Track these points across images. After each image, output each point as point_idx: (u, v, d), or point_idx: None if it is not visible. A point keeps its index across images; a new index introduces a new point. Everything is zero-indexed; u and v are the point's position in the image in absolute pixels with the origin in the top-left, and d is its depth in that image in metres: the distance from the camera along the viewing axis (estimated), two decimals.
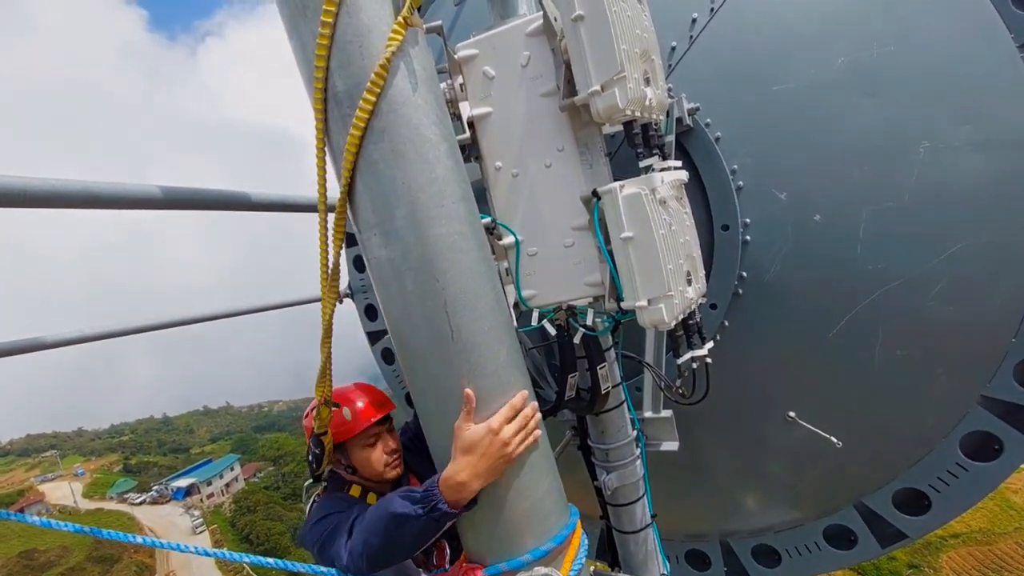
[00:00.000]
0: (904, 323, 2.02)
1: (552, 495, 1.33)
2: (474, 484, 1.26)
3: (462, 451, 1.26)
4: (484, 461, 1.25)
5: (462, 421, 1.25)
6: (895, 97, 1.94)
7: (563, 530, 1.31)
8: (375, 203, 1.15)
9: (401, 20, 1.13)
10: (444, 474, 1.29)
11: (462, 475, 1.25)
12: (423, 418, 1.31)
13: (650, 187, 1.35)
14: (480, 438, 1.25)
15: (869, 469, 2.35)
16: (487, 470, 1.26)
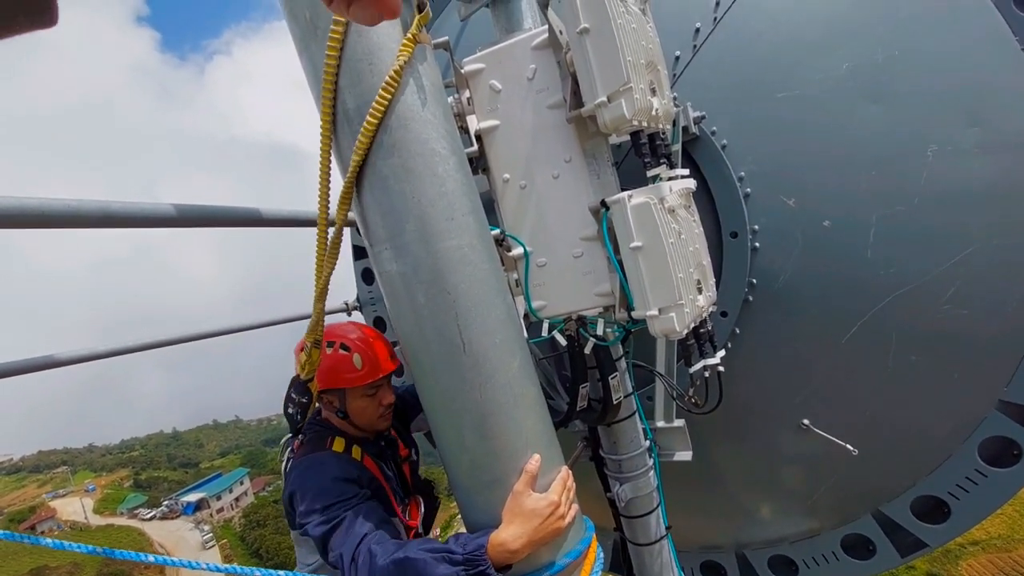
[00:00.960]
0: (918, 328, 2.00)
1: None
2: (525, 552, 1.24)
3: (522, 517, 1.24)
4: (541, 532, 1.24)
5: (523, 487, 1.24)
6: (901, 101, 1.94)
7: (579, 544, 1.30)
8: (385, 218, 1.16)
9: (410, 37, 1.14)
10: (496, 539, 1.24)
11: (518, 543, 1.23)
12: (435, 430, 1.30)
13: (658, 196, 1.36)
14: (543, 508, 1.24)
15: (886, 477, 2.31)
16: (541, 540, 1.25)
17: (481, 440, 1.21)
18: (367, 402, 1.84)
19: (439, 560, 1.27)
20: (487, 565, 1.23)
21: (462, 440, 1.23)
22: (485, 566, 1.23)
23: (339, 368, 1.80)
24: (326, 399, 1.85)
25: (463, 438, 1.23)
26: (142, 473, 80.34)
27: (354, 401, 1.83)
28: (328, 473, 1.64)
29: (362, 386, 1.81)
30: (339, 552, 1.45)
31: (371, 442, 1.93)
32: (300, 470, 1.70)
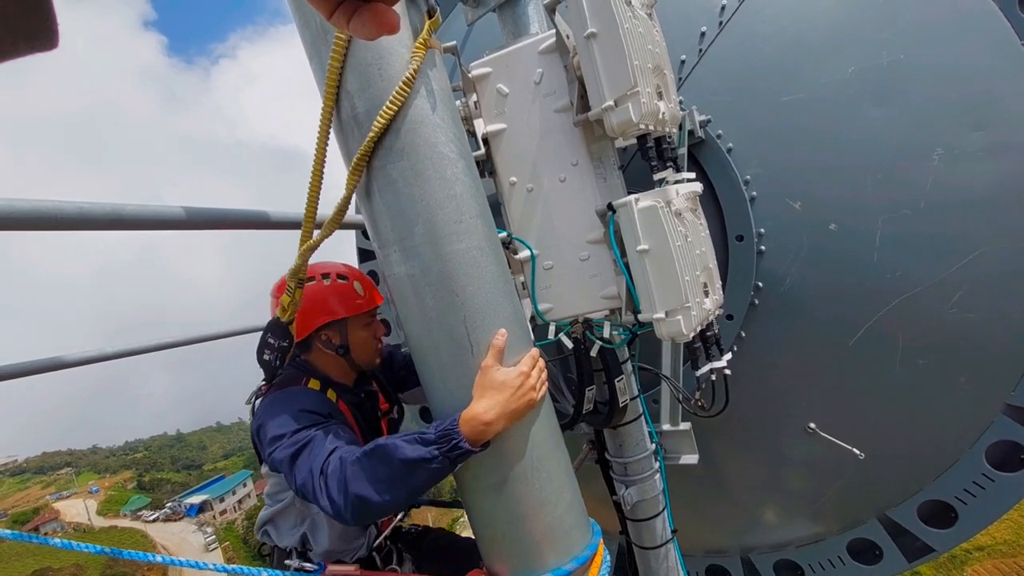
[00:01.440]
0: (925, 331, 1.99)
1: (574, 510, 1.32)
2: (499, 424, 1.22)
3: (492, 389, 1.22)
4: (514, 402, 1.22)
5: (491, 360, 1.22)
6: (907, 105, 1.94)
7: (585, 550, 1.29)
8: (394, 220, 1.17)
9: (421, 42, 1.15)
10: (466, 414, 1.22)
11: (490, 414, 1.20)
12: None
13: (665, 199, 1.36)
14: (514, 378, 1.23)
15: (893, 481, 2.31)
16: (515, 411, 1.23)
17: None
18: (368, 333, 1.79)
19: (411, 442, 1.26)
20: (460, 438, 1.20)
21: None
22: (458, 439, 1.20)
23: (344, 296, 1.74)
24: (324, 336, 1.76)
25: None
26: (146, 475, 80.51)
27: (356, 332, 1.77)
28: (299, 404, 1.57)
29: (364, 314, 1.76)
30: (307, 470, 1.39)
31: (350, 391, 1.85)
32: (270, 401, 1.63)
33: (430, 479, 1.25)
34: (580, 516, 1.34)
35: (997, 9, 1.91)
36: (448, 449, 1.21)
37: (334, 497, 1.30)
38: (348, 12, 0.42)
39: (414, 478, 1.25)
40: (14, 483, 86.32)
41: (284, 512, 1.77)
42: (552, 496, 1.25)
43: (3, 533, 1.63)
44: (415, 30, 1.19)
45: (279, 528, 1.79)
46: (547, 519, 1.25)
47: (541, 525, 1.25)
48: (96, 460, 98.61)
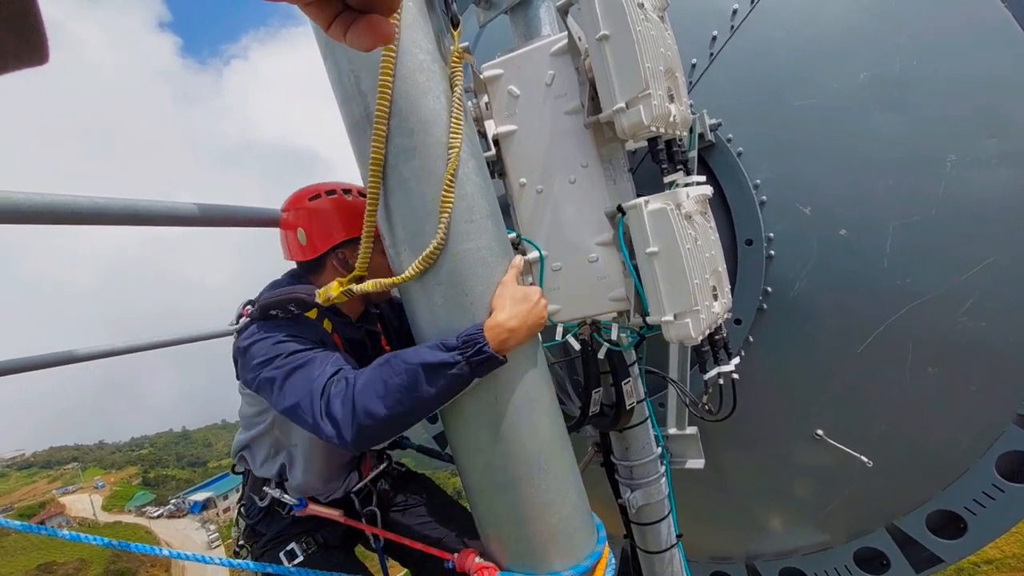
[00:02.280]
0: (935, 339, 1.98)
1: (579, 513, 1.32)
2: (521, 335, 1.20)
3: (514, 300, 1.21)
4: (532, 316, 1.23)
5: (511, 278, 1.24)
6: (919, 111, 1.93)
7: (589, 558, 1.28)
8: (405, 219, 1.17)
9: (457, 56, 1.17)
10: (490, 322, 1.19)
11: (513, 322, 1.19)
12: (449, 432, 1.30)
13: (676, 202, 1.36)
14: (532, 293, 1.25)
15: (902, 490, 2.28)
16: (533, 325, 1.23)
17: (495, 442, 1.21)
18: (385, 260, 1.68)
19: (432, 348, 1.21)
20: (484, 342, 1.17)
21: (477, 441, 1.24)
22: (483, 343, 1.17)
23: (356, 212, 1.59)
24: (341, 254, 1.63)
25: (478, 439, 1.23)
26: (151, 471, 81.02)
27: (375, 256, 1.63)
28: (292, 328, 1.47)
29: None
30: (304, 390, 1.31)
31: (352, 325, 1.73)
32: (260, 324, 1.51)
33: (448, 387, 1.19)
34: (585, 519, 1.34)
35: (1011, 18, 1.89)
36: (472, 354, 1.17)
37: (336, 414, 1.24)
38: (345, 24, 0.43)
39: (432, 385, 1.19)
40: (21, 477, 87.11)
41: (260, 439, 1.72)
42: (560, 498, 1.25)
43: (16, 524, 1.65)
44: (438, 33, 1.20)
45: (255, 456, 1.75)
46: (554, 521, 1.25)
47: (548, 526, 1.25)
48: (102, 455, 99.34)
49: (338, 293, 1.28)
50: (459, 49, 1.16)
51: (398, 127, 1.12)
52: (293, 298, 1.46)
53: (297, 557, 1.71)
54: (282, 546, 1.74)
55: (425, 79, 1.13)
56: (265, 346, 1.44)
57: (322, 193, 1.63)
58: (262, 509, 1.75)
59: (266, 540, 1.76)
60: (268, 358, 1.41)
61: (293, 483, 1.69)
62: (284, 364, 1.38)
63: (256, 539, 1.79)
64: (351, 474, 1.82)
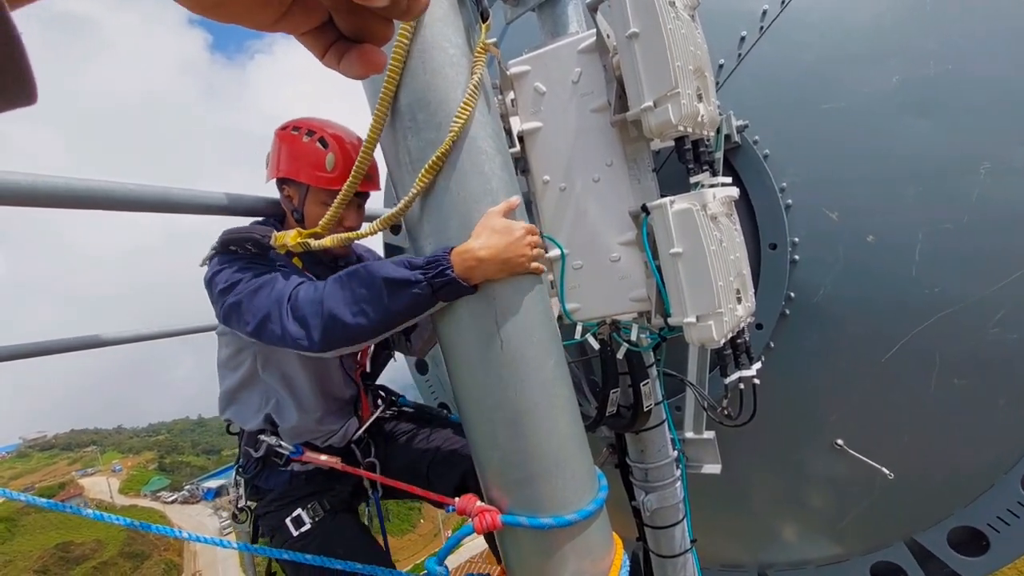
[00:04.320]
0: (964, 350, 1.93)
1: (597, 511, 1.31)
2: (490, 267, 1.17)
3: (492, 231, 1.16)
4: (509, 251, 1.17)
5: (500, 209, 1.19)
6: (953, 117, 1.88)
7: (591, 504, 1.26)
8: (429, 213, 1.18)
9: (482, 48, 1.18)
10: (460, 247, 1.17)
11: (483, 252, 1.14)
12: (467, 426, 1.31)
13: (701, 203, 1.35)
14: (516, 228, 1.19)
15: (923, 504, 2.23)
16: (506, 262, 1.18)
17: (513, 438, 1.21)
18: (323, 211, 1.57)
19: (397, 264, 1.21)
20: (448, 265, 1.15)
21: (495, 437, 1.24)
22: (446, 265, 1.15)
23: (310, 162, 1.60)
24: (285, 191, 1.67)
25: (496, 435, 1.23)
26: (167, 457, 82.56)
27: (313, 205, 1.64)
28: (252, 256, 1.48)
29: (324, 189, 1.62)
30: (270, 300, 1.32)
31: (324, 264, 1.71)
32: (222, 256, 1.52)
33: (410, 305, 1.20)
34: (602, 518, 1.33)
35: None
36: (434, 275, 1.16)
37: (304, 316, 1.25)
38: (338, 53, 0.44)
39: (394, 300, 1.20)
40: (42, 458, 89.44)
41: (245, 391, 1.69)
42: (575, 496, 1.25)
43: (43, 502, 1.69)
44: (468, 29, 1.20)
45: (244, 411, 1.71)
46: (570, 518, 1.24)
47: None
48: (120, 440, 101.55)
49: (295, 243, 1.28)
50: (485, 42, 1.16)
51: (427, 121, 1.12)
52: (249, 238, 1.46)
53: (304, 524, 1.68)
54: (288, 510, 1.70)
55: (455, 74, 1.14)
56: (227, 273, 1.45)
57: (290, 127, 1.66)
58: (258, 460, 1.72)
59: (270, 500, 1.73)
60: (231, 283, 1.42)
61: (286, 426, 1.66)
62: (247, 286, 1.39)
63: (259, 496, 1.76)
64: (350, 420, 1.78)
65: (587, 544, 1.26)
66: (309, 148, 1.61)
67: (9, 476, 76.62)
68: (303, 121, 1.67)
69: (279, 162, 1.64)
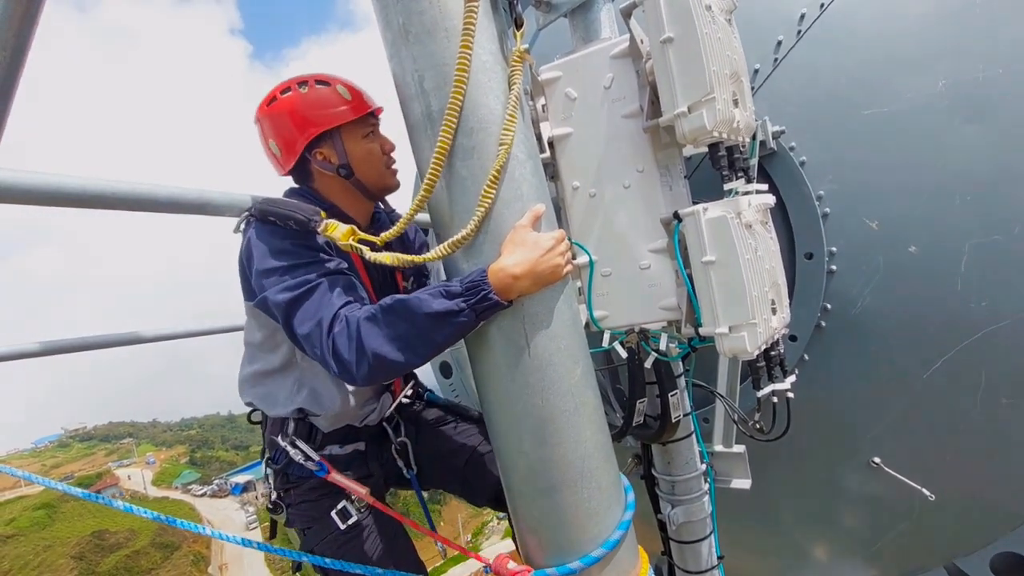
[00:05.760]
0: (1011, 368, 1.83)
1: (622, 524, 1.28)
2: (525, 283, 1.15)
3: (523, 246, 1.15)
4: (542, 264, 1.16)
5: (527, 222, 1.17)
6: (1003, 122, 1.80)
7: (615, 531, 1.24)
8: (460, 218, 1.18)
9: (518, 56, 1.18)
10: (494, 266, 1.15)
11: (519, 268, 1.14)
12: (493, 433, 1.30)
13: (736, 210, 1.31)
14: (546, 240, 1.17)
15: (965, 528, 2.13)
16: (540, 275, 1.16)
17: (539, 446, 1.20)
18: (371, 145, 1.53)
19: (434, 295, 1.17)
20: (489, 289, 1.13)
21: (521, 444, 1.23)
22: (487, 290, 1.13)
23: (329, 102, 1.48)
24: (319, 155, 1.51)
25: (522, 442, 1.22)
26: (198, 451, 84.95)
27: (355, 144, 1.51)
28: (295, 235, 1.35)
29: (359, 122, 1.50)
30: (313, 321, 1.26)
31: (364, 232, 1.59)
32: (260, 226, 1.39)
33: (455, 334, 1.18)
34: (627, 533, 1.31)
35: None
36: (476, 301, 1.15)
37: (344, 356, 1.21)
38: None
39: (438, 333, 1.18)
40: (82, 448, 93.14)
41: (278, 372, 1.58)
42: (601, 507, 1.23)
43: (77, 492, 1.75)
44: (501, 34, 1.20)
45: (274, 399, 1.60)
46: (594, 531, 1.23)
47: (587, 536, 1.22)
48: (155, 433, 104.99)
49: (346, 242, 1.23)
50: (520, 49, 1.16)
51: (459, 126, 1.13)
52: (292, 217, 1.33)
53: (351, 517, 1.59)
54: (330, 500, 1.60)
55: (487, 80, 1.14)
56: (266, 252, 1.35)
57: (277, 95, 1.51)
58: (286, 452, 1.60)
59: (308, 488, 1.63)
60: (270, 268, 1.34)
61: (328, 413, 1.57)
62: (289, 287, 1.30)
63: (292, 484, 1.65)
64: (384, 396, 1.72)
65: (616, 568, 1.24)
66: (314, 95, 1.49)
67: (51, 464, 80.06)
68: (280, 85, 1.53)
69: (293, 132, 1.48)
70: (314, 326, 1.27)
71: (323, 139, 1.50)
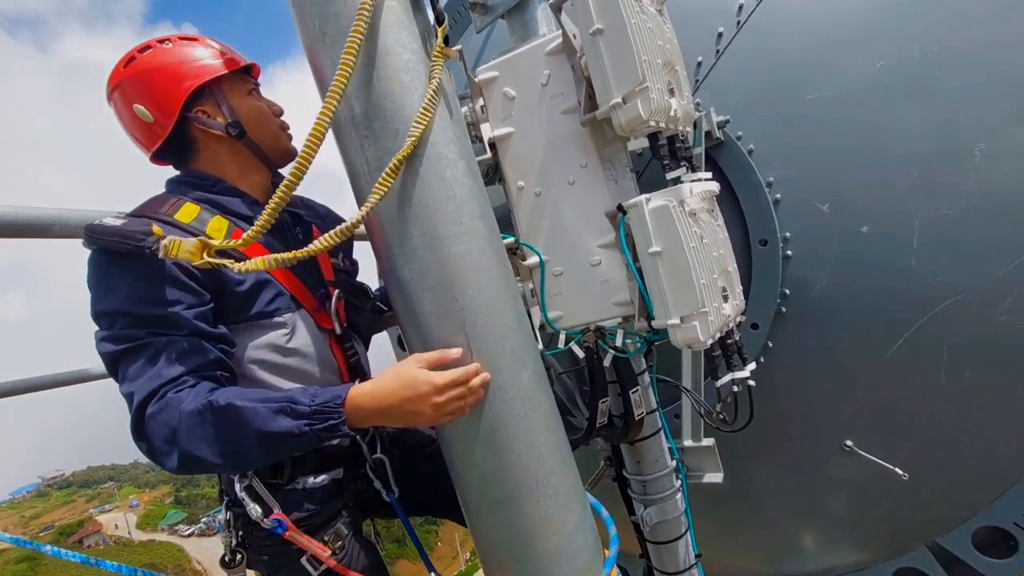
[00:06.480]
0: (972, 341, 1.84)
1: (582, 531, 1.23)
2: (383, 420, 1.11)
3: (400, 381, 1.08)
4: (406, 407, 1.08)
5: (424, 357, 1.11)
6: (943, 99, 1.82)
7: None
8: (391, 221, 1.14)
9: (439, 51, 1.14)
10: (357, 391, 1.09)
11: (381, 404, 1.08)
12: (443, 445, 1.24)
13: (678, 199, 1.29)
14: (423, 383, 1.07)
15: (943, 505, 2.12)
16: (402, 418, 1.10)
17: (490, 455, 1.15)
18: (258, 103, 1.38)
19: (276, 412, 1.06)
20: (340, 420, 1.06)
21: (471, 455, 1.17)
22: (338, 420, 1.05)
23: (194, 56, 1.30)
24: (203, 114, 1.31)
25: (472, 453, 1.17)
26: (182, 490, 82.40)
27: (241, 100, 1.35)
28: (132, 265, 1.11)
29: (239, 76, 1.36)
30: (131, 388, 1.09)
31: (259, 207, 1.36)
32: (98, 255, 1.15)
33: (290, 452, 1.12)
34: (590, 537, 1.26)
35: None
36: (323, 428, 1.07)
37: (154, 442, 1.08)
38: None
39: (269, 452, 1.09)
40: (61, 496, 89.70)
41: None
42: (559, 517, 1.17)
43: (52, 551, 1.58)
44: (423, 35, 1.17)
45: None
46: (555, 541, 1.17)
47: (548, 548, 1.17)
48: (137, 475, 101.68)
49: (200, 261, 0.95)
50: (440, 45, 1.13)
51: (383, 129, 1.09)
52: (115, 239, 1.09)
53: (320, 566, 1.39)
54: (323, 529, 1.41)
55: (411, 79, 1.10)
56: (99, 287, 1.14)
57: (135, 54, 1.32)
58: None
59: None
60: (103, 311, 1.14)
61: None
62: (112, 340, 1.11)
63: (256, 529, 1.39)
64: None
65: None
66: (181, 51, 1.32)
67: (31, 515, 76.90)
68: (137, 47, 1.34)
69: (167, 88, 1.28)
70: (129, 395, 1.11)
71: (202, 96, 1.32)
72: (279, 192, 0.96)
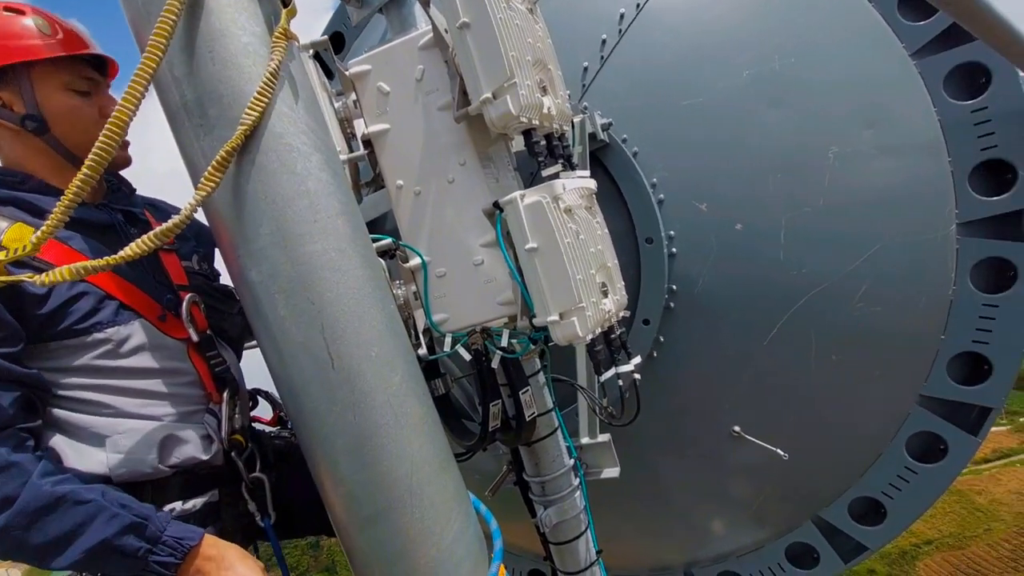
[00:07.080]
0: (834, 327, 2.00)
1: (464, 539, 1.18)
2: None
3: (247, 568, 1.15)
4: None
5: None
6: (800, 105, 1.99)
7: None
8: (238, 219, 1.04)
9: (281, 33, 1.06)
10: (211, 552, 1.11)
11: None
12: (307, 459, 1.14)
13: (552, 195, 1.29)
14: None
15: (821, 481, 2.29)
16: None
17: (358, 468, 1.07)
18: (77, 102, 1.18)
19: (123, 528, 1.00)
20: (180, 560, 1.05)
21: (337, 469, 1.08)
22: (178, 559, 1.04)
23: (11, 33, 1.13)
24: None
25: (337, 467, 1.08)
26: None
27: (52, 95, 1.16)
28: None
29: (60, 66, 1.16)
30: None
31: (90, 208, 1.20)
32: None
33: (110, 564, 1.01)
34: (473, 546, 1.21)
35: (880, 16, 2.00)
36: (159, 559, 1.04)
37: None
38: None
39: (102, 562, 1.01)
40: None
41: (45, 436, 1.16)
42: (436, 526, 1.11)
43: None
44: (268, 20, 1.09)
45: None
46: (432, 552, 1.11)
47: (425, 559, 1.10)
48: None
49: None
50: (284, 27, 1.05)
51: (220, 117, 0.99)
52: None
53: None
54: None
55: (251, 64, 1.01)
56: None
57: None
58: None
59: None
60: None
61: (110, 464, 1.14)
62: None
63: None
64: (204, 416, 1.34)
65: None
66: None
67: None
68: None
69: None
70: None
71: (3, 80, 1.15)
72: (72, 186, 0.81)
